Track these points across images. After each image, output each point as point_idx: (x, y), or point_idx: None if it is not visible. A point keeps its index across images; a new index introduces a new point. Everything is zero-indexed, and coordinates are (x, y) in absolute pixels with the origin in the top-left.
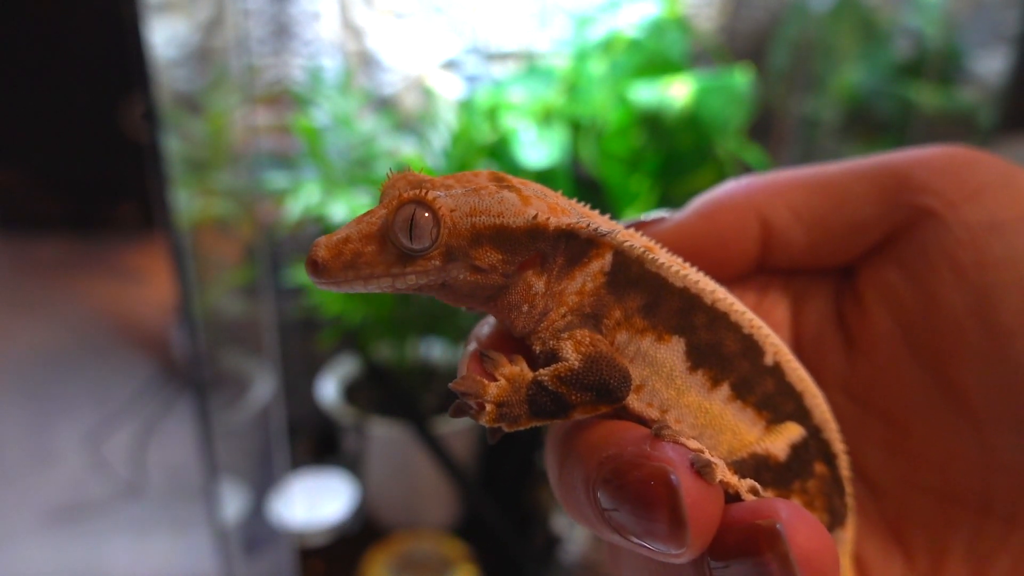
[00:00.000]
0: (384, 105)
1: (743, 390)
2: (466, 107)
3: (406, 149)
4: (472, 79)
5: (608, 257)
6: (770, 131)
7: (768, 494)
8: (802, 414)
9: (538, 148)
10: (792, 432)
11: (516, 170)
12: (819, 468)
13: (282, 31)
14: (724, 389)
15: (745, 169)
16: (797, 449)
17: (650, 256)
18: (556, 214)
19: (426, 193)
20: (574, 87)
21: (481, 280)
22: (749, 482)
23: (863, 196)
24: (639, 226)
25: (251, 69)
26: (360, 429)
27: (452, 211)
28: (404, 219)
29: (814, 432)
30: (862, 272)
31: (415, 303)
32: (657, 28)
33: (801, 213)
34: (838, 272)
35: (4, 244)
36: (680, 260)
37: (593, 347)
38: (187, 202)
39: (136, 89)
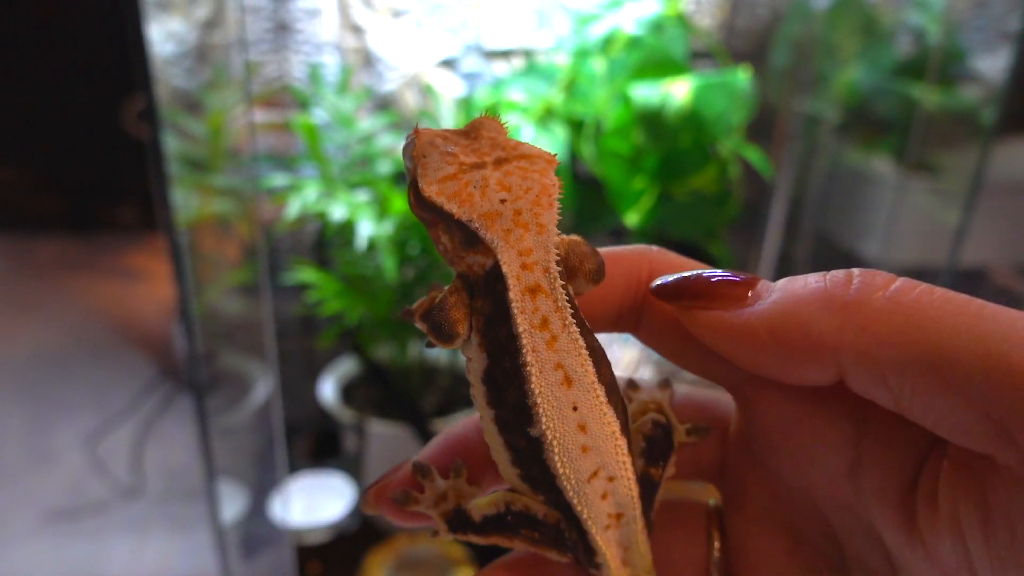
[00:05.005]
0: (383, 103)
1: (504, 431)
2: (466, 105)
3: None
4: (472, 77)
5: (490, 260)
6: (770, 130)
7: (447, 536)
8: (546, 481)
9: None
10: (495, 501)
11: None
12: (527, 533)
13: (281, 29)
14: (493, 417)
15: (746, 168)
16: (489, 520)
17: (510, 291)
18: (460, 199)
19: (417, 130)
20: (574, 85)
21: (413, 203)
22: (443, 525)
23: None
24: (731, 286)
25: (250, 67)
26: (360, 429)
27: (424, 156)
28: (408, 140)
29: (564, 508)
30: (944, 471)
31: (414, 303)
32: (657, 26)
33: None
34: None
35: (4, 244)
36: (562, 305)
37: (452, 295)
38: (186, 201)
39: (137, 89)
